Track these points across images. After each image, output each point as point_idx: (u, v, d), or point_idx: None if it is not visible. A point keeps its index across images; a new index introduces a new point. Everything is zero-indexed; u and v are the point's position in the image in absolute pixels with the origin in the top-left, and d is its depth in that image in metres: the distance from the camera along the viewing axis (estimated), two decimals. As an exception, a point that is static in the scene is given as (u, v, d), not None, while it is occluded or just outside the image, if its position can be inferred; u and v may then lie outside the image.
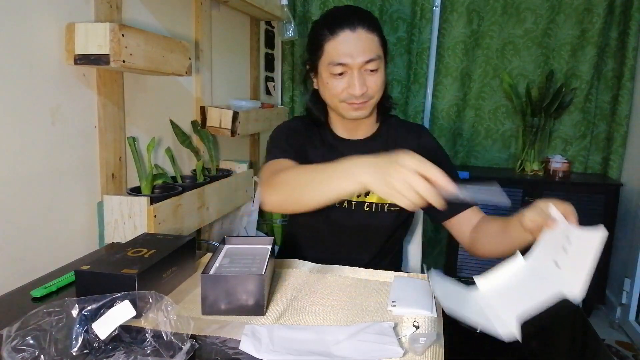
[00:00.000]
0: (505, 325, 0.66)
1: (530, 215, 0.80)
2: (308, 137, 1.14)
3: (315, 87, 1.10)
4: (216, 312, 0.75)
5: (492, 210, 1.11)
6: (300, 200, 0.82)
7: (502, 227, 0.92)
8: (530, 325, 0.74)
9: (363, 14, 1.01)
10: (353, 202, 1.10)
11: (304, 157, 1.09)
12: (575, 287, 0.66)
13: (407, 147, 1.13)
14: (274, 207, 0.87)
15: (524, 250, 0.83)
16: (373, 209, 1.10)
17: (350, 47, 0.98)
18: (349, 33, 0.98)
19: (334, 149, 1.13)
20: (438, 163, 1.12)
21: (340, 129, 1.14)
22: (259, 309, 0.75)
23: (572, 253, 0.70)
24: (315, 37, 1.03)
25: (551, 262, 0.73)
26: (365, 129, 1.14)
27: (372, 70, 1.00)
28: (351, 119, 1.07)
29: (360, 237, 1.13)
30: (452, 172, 1.14)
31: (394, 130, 1.16)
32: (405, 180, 0.66)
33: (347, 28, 0.98)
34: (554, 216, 0.76)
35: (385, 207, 1.10)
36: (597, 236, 0.65)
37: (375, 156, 0.72)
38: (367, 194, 1.10)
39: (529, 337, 0.67)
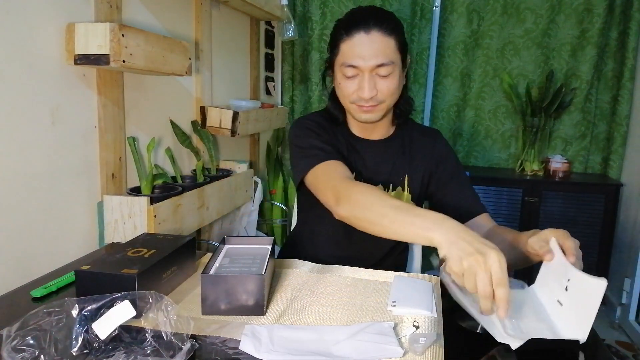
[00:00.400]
0: (501, 334, 0.69)
1: (532, 242, 0.81)
2: (333, 133, 1.14)
3: (333, 85, 1.10)
4: (216, 312, 0.75)
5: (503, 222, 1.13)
6: (370, 226, 0.83)
7: (512, 240, 0.91)
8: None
9: (382, 16, 1.00)
10: None
11: (342, 155, 1.07)
12: (578, 331, 0.69)
13: (422, 150, 1.14)
14: (344, 219, 0.88)
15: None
16: None
17: (363, 50, 0.97)
18: (363, 35, 0.97)
19: (353, 148, 1.14)
20: (450, 168, 1.13)
21: (357, 129, 1.15)
22: (258, 309, 0.75)
23: (573, 294, 0.72)
24: (334, 36, 1.03)
25: (555, 299, 0.76)
26: (381, 131, 1.14)
27: (383, 75, 0.99)
28: (361, 121, 1.07)
29: (373, 236, 1.13)
30: (463, 177, 1.15)
31: (410, 133, 1.16)
32: (475, 272, 0.65)
33: (362, 30, 0.97)
34: (553, 250, 0.78)
35: None
36: (598, 286, 0.67)
37: (466, 231, 0.71)
38: None
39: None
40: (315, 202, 1.15)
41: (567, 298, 0.73)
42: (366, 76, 0.98)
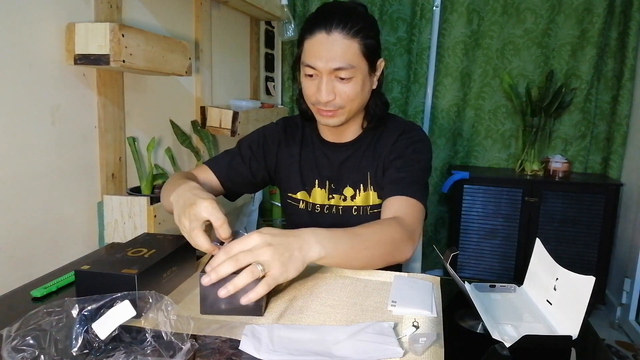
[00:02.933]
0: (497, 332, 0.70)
1: None
2: (285, 139, 1.14)
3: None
4: (215, 312, 0.75)
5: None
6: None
7: None
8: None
9: (347, 16, 0.93)
10: (340, 207, 1.10)
11: (256, 170, 1.12)
12: (569, 327, 0.70)
13: (386, 144, 1.08)
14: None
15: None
16: (361, 213, 1.09)
17: (321, 51, 0.93)
18: (324, 35, 0.92)
19: (321, 152, 1.12)
20: (397, 154, 1.06)
21: (326, 132, 1.12)
22: (257, 309, 0.75)
23: (562, 292, 0.74)
24: (301, 31, 0.99)
25: (544, 299, 0.78)
26: (349, 134, 1.10)
27: (343, 79, 0.95)
28: (322, 124, 1.04)
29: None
30: (404, 162, 1.05)
31: (381, 130, 1.11)
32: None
33: (324, 29, 0.92)
34: (537, 250, 0.82)
35: (368, 209, 1.09)
36: (587, 282, 0.68)
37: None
38: (353, 197, 1.10)
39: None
40: (285, 204, 1.17)
41: (556, 297, 0.75)
42: (324, 79, 0.94)
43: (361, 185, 1.09)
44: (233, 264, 0.69)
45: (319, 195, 1.11)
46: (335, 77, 0.95)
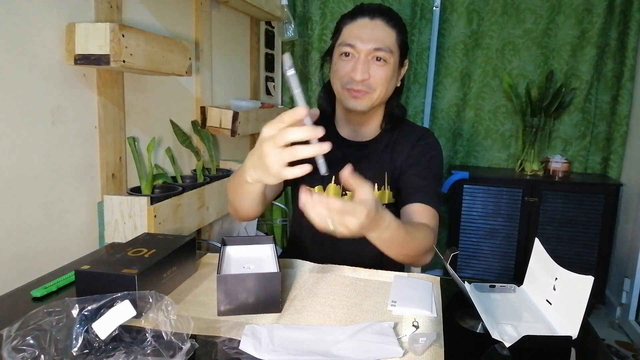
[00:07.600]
0: (497, 332, 0.70)
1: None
2: None
3: (329, 74, 1.12)
4: (232, 313, 0.75)
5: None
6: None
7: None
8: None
9: (388, 11, 1.04)
10: None
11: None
12: (569, 327, 0.71)
13: (404, 149, 1.13)
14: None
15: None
16: None
17: (363, 32, 1.00)
18: (367, 20, 1.02)
19: (338, 149, 1.13)
20: (415, 159, 1.10)
21: (344, 131, 1.14)
22: (275, 306, 0.76)
23: (561, 292, 0.75)
24: (338, 23, 1.08)
25: (544, 299, 0.79)
26: (368, 133, 1.14)
27: (379, 60, 1.01)
28: (349, 108, 1.06)
29: (360, 237, 1.13)
30: (423, 167, 1.10)
31: (397, 133, 1.15)
32: (270, 152, 0.68)
33: (367, 16, 1.02)
34: (537, 250, 0.83)
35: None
36: (586, 282, 0.69)
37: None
38: None
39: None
40: (295, 204, 1.16)
41: (556, 296, 0.75)
42: (362, 58, 1.00)
43: (376, 184, 1.12)
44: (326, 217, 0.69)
45: (332, 191, 1.13)
46: (372, 58, 1.01)
